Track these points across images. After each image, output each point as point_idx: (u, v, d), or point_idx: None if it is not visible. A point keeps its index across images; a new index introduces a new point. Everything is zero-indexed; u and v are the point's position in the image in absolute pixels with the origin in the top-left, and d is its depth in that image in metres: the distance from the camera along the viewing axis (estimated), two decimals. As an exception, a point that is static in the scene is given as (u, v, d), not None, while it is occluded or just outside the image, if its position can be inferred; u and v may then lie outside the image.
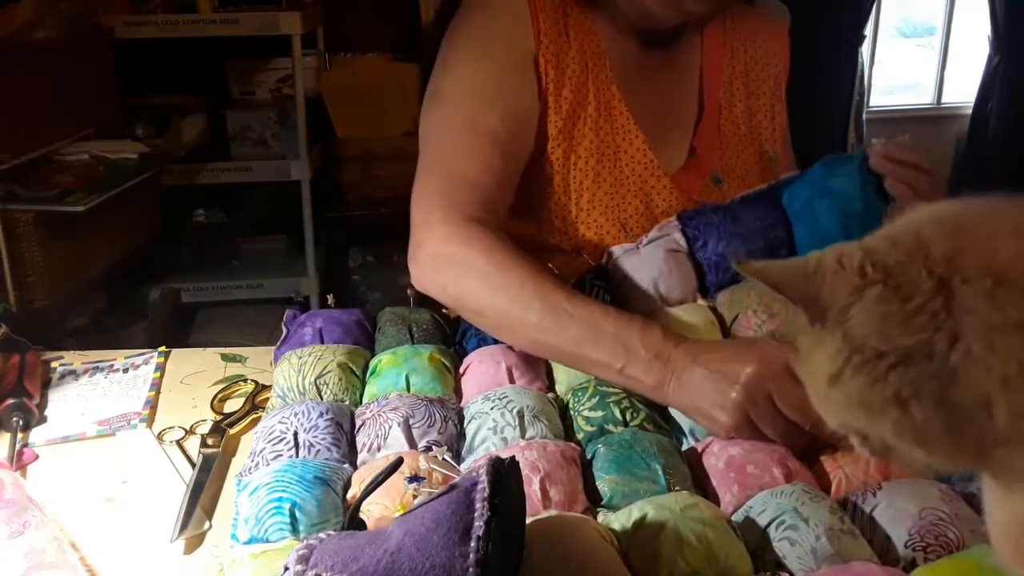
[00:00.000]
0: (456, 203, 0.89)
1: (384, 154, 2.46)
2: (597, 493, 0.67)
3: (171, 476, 0.77)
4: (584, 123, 0.99)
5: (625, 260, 0.93)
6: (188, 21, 2.18)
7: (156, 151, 2.10)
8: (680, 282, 0.91)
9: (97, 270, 1.93)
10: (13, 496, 0.69)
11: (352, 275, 2.71)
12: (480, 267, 0.83)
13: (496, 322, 0.83)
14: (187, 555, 0.68)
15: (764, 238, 0.92)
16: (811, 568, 0.58)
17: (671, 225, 0.95)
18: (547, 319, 0.78)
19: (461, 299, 0.85)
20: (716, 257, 0.92)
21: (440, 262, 0.87)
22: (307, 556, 0.51)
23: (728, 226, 0.93)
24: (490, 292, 0.82)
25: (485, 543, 0.48)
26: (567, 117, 0.98)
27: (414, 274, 0.91)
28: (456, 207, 0.88)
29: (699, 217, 0.95)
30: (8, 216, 1.64)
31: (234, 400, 0.90)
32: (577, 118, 0.99)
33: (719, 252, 0.92)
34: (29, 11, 1.70)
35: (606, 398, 0.76)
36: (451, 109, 0.96)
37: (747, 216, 0.93)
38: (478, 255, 0.83)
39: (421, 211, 0.91)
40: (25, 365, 0.90)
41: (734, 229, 0.92)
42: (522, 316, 0.79)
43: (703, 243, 0.93)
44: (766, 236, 0.92)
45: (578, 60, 0.98)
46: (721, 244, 0.92)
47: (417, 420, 0.74)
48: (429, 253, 0.88)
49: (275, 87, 2.63)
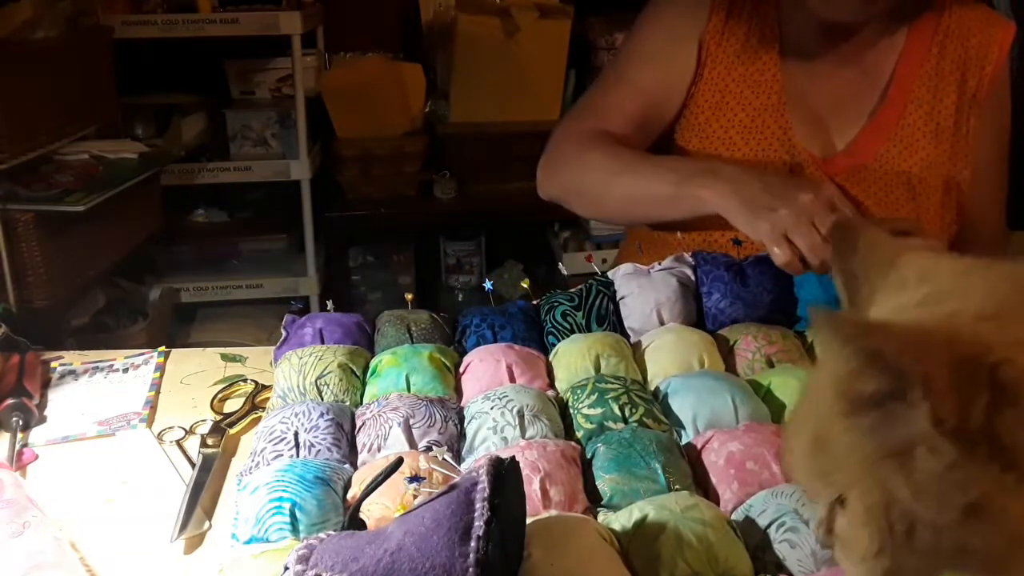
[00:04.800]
0: (582, 124, 1.09)
1: (384, 154, 2.45)
2: (597, 493, 0.67)
3: (171, 476, 0.77)
4: (734, 97, 1.09)
5: (634, 278, 0.94)
6: (188, 21, 2.18)
7: (156, 151, 2.09)
8: (682, 313, 0.92)
9: (97, 270, 1.92)
10: (13, 496, 0.69)
11: (352, 275, 2.71)
12: (575, 156, 1.06)
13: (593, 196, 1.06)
14: (187, 555, 0.68)
15: (766, 310, 0.92)
16: (811, 570, 0.58)
17: (686, 261, 0.95)
18: (625, 176, 1.00)
19: (565, 186, 1.09)
20: (716, 311, 0.93)
21: (549, 162, 1.10)
22: (307, 556, 0.51)
23: (734, 287, 0.92)
24: (584, 171, 1.04)
25: (485, 543, 0.48)
26: (718, 91, 1.09)
27: (537, 180, 1.13)
28: (578, 125, 1.09)
29: (712, 265, 0.94)
30: (8, 216, 1.64)
31: (234, 400, 0.90)
32: (728, 92, 1.09)
33: (720, 308, 0.93)
34: (29, 11, 1.70)
35: (605, 395, 0.76)
36: (613, 63, 1.18)
37: (756, 282, 0.93)
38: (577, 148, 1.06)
39: (555, 130, 1.13)
40: (25, 365, 0.90)
41: (739, 291, 0.92)
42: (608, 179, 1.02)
43: (708, 291, 0.93)
44: (770, 307, 0.92)
45: (743, 40, 1.09)
46: (724, 302, 0.92)
47: (417, 420, 0.74)
48: (545, 157, 1.11)
49: (275, 87, 2.62)
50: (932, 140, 1.07)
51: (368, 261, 2.72)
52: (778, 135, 1.07)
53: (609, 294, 0.94)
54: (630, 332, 0.92)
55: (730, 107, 1.09)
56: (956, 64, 1.08)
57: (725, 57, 1.09)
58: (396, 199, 2.50)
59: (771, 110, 1.08)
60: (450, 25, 2.48)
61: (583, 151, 1.05)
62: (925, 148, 1.07)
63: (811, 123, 1.09)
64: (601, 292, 0.93)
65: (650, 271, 0.95)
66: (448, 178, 2.51)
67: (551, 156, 1.10)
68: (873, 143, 1.07)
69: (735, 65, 1.09)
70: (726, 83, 1.09)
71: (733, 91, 1.09)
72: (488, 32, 2.37)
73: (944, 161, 1.08)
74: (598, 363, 0.83)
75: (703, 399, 0.76)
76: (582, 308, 0.92)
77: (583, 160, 1.05)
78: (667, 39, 1.11)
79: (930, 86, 1.08)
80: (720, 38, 1.09)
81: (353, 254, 2.71)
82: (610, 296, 0.93)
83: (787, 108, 1.08)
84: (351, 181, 2.49)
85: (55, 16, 1.75)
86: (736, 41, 1.09)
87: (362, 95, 2.43)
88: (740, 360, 0.86)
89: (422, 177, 2.51)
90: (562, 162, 1.08)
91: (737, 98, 1.09)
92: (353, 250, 2.70)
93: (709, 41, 1.09)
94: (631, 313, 0.92)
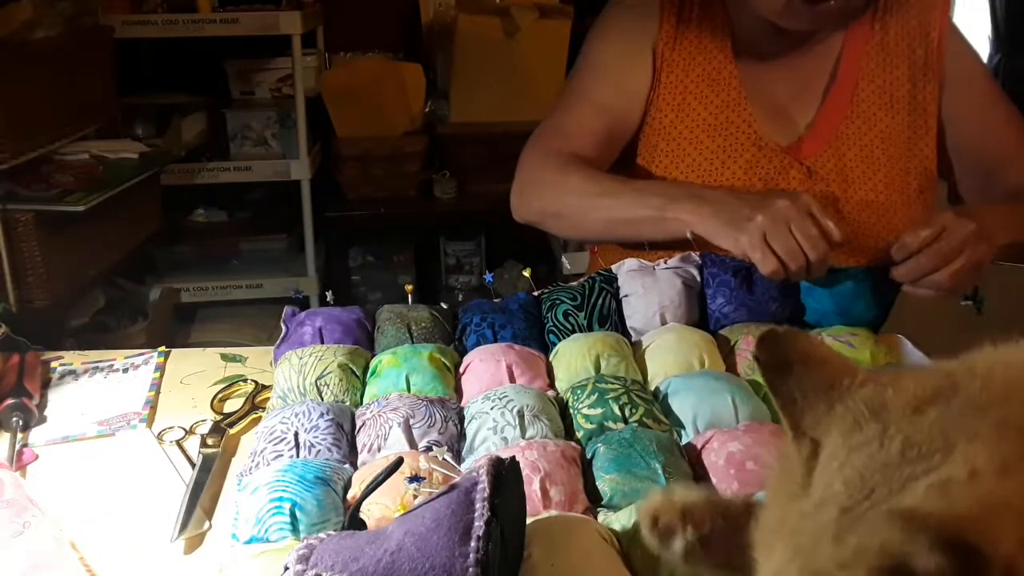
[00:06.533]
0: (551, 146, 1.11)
1: (384, 154, 2.45)
2: (597, 493, 0.67)
3: (171, 476, 0.77)
4: (695, 98, 1.10)
5: (639, 277, 0.94)
6: (188, 21, 2.18)
7: (156, 151, 2.09)
8: (686, 316, 0.92)
9: (97, 270, 1.92)
10: (13, 496, 0.69)
11: (352, 275, 2.71)
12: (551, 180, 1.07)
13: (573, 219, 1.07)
14: (187, 555, 0.67)
15: (771, 318, 0.92)
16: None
17: (692, 260, 0.95)
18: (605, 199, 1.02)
19: (543, 210, 1.10)
20: (720, 315, 0.93)
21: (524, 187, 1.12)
22: (307, 556, 0.51)
23: (740, 293, 0.93)
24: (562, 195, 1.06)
25: (485, 543, 0.48)
26: (679, 93, 1.11)
27: (512, 204, 1.14)
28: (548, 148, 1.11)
29: (719, 268, 0.94)
30: (8, 216, 1.64)
31: (234, 400, 0.90)
32: (688, 93, 1.10)
33: (724, 312, 0.93)
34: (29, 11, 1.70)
35: (605, 395, 0.76)
36: (572, 81, 1.17)
37: (763, 290, 0.93)
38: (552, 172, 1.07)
39: (523, 153, 1.14)
40: (25, 365, 0.90)
41: (745, 298, 0.92)
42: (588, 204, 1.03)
43: (713, 295, 0.93)
44: (774, 316, 0.93)
45: (696, 42, 1.11)
46: (729, 307, 0.92)
47: (417, 420, 0.74)
48: (518, 181, 1.12)
49: (275, 87, 2.63)
50: (888, 112, 1.10)
51: (368, 261, 2.72)
52: (743, 129, 1.09)
53: (612, 291, 0.93)
54: (632, 331, 0.92)
55: (692, 108, 1.10)
56: (901, 36, 1.11)
57: (681, 60, 1.11)
58: (396, 199, 2.50)
59: (733, 105, 1.10)
60: (450, 25, 2.48)
61: (560, 176, 1.06)
62: (883, 120, 1.10)
63: (773, 113, 1.10)
64: (604, 289, 0.93)
65: (655, 268, 0.95)
66: (448, 178, 2.51)
67: (524, 180, 1.12)
68: (832, 122, 1.09)
69: (692, 67, 1.10)
70: (685, 85, 1.10)
71: (693, 92, 1.10)
72: (488, 32, 2.38)
73: (903, 130, 1.10)
74: (598, 363, 0.83)
75: (703, 399, 0.76)
76: (584, 307, 0.92)
77: (561, 185, 1.06)
78: (621, 52, 1.13)
79: (879, 60, 1.10)
80: (673, 43, 1.11)
81: (353, 254, 2.71)
82: (613, 293, 0.93)
83: (749, 102, 1.10)
84: (351, 181, 2.49)
85: (55, 16, 1.75)
86: (689, 44, 1.11)
87: (362, 95, 2.43)
88: (741, 360, 0.86)
89: (422, 177, 2.51)
90: (538, 187, 1.09)
91: (698, 98, 1.10)
92: (353, 250, 2.70)
93: (663, 48, 1.11)
94: (634, 313, 0.92)
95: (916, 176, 1.10)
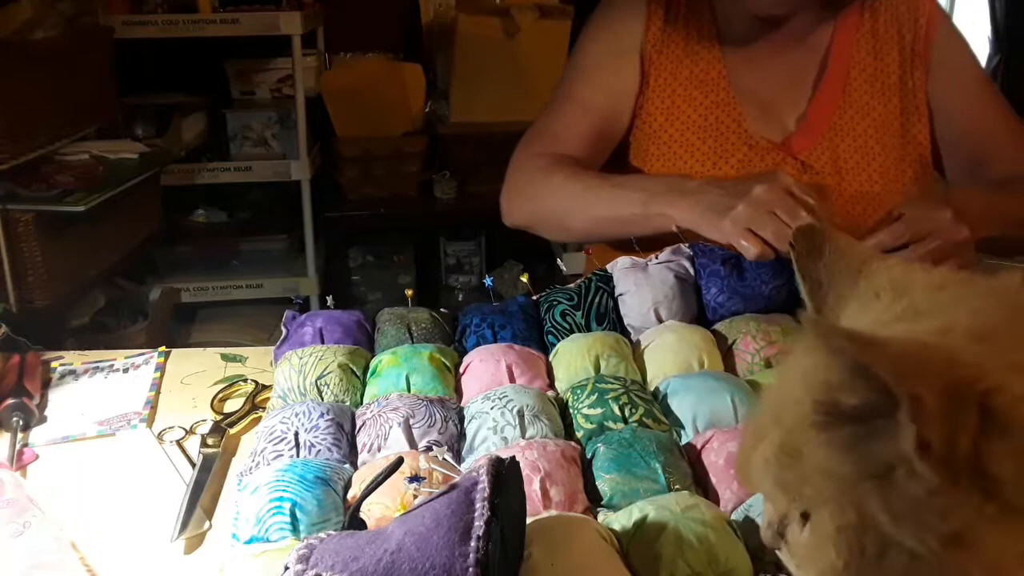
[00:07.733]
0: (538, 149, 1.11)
1: (384, 154, 2.45)
2: (597, 492, 0.67)
3: (171, 476, 0.77)
4: (683, 100, 1.10)
5: (631, 274, 0.93)
6: (188, 21, 2.18)
7: (156, 151, 2.09)
8: (680, 310, 0.91)
9: (97, 270, 1.92)
10: (13, 496, 0.69)
11: (352, 275, 2.71)
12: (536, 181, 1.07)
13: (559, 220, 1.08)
14: (187, 555, 0.68)
15: (765, 301, 0.92)
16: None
17: (683, 252, 0.95)
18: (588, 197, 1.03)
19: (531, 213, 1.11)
20: (715, 304, 0.93)
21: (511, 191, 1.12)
22: (307, 556, 0.51)
23: (731, 281, 0.92)
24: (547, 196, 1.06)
25: (485, 543, 0.48)
26: (667, 95, 1.11)
27: (502, 209, 1.14)
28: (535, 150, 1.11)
29: (708, 259, 0.94)
30: (8, 216, 1.64)
31: (234, 400, 0.90)
32: (677, 95, 1.11)
33: (719, 301, 0.92)
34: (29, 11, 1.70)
35: (605, 395, 0.76)
36: (561, 83, 1.18)
37: (753, 275, 0.92)
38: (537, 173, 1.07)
39: (512, 156, 1.14)
40: (25, 365, 0.90)
41: (736, 286, 0.92)
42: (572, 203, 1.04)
43: (706, 285, 0.93)
44: (768, 299, 0.92)
45: (683, 42, 1.11)
46: (722, 296, 0.92)
47: (417, 420, 0.74)
48: (506, 186, 1.13)
49: (275, 87, 2.63)
50: (880, 100, 1.10)
51: (368, 261, 2.72)
52: (733, 128, 1.09)
53: (608, 290, 0.93)
54: (630, 329, 0.92)
55: (681, 110, 1.10)
56: (890, 23, 1.11)
57: (668, 62, 1.11)
58: (396, 199, 2.50)
59: (722, 106, 1.10)
60: (450, 25, 2.48)
61: (545, 177, 1.07)
62: (876, 108, 1.10)
63: (763, 110, 1.10)
64: (600, 288, 0.93)
65: (648, 264, 0.95)
66: (448, 178, 2.51)
67: (513, 184, 1.12)
68: (824, 113, 1.09)
69: (680, 68, 1.11)
70: (673, 87, 1.11)
71: (682, 94, 1.10)
72: (488, 32, 2.38)
73: (896, 117, 1.10)
74: (598, 363, 0.83)
75: (703, 399, 0.76)
76: (581, 307, 0.92)
77: (546, 186, 1.06)
78: (609, 54, 1.13)
79: (869, 48, 1.10)
80: (661, 45, 1.11)
81: (353, 254, 2.71)
82: (609, 292, 0.93)
83: (737, 101, 1.10)
84: (351, 181, 2.49)
85: (55, 16, 1.75)
86: (676, 45, 1.11)
87: (362, 95, 2.43)
88: (739, 362, 0.86)
89: (422, 177, 2.51)
90: (525, 189, 1.10)
91: (687, 100, 1.10)
92: (353, 250, 2.70)
93: (650, 50, 1.11)
94: (629, 311, 0.92)
95: (911, 164, 1.10)
